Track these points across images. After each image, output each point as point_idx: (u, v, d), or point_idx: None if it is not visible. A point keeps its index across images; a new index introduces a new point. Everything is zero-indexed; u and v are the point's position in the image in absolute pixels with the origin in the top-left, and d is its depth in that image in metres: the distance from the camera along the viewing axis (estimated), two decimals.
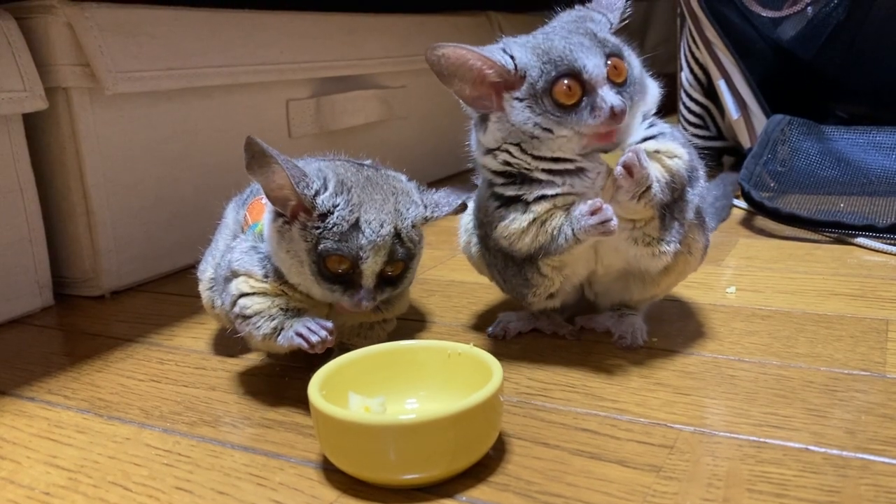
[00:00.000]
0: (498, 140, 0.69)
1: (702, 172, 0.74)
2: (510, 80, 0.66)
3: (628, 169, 0.64)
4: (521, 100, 0.66)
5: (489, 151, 0.70)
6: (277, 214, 0.67)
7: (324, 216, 0.65)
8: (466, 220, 0.83)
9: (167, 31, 1.10)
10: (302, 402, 0.67)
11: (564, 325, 0.82)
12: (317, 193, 0.65)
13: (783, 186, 1.28)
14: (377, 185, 0.68)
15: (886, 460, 0.55)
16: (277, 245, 0.68)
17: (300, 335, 0.66)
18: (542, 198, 0.68)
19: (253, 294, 0.69)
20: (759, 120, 1.43)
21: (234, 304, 0.70)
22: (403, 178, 0.73)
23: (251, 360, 0.81)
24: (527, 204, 0.69)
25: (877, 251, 1.04)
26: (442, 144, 1.69)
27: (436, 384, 0.65)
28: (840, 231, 1.10)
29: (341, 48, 1.44)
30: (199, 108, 1.17)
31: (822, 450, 0.57)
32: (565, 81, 0.65)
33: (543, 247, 0.69)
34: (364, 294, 0.66)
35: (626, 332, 0.78)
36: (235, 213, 0.81)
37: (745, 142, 1.46)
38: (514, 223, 0.69)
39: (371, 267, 0.66)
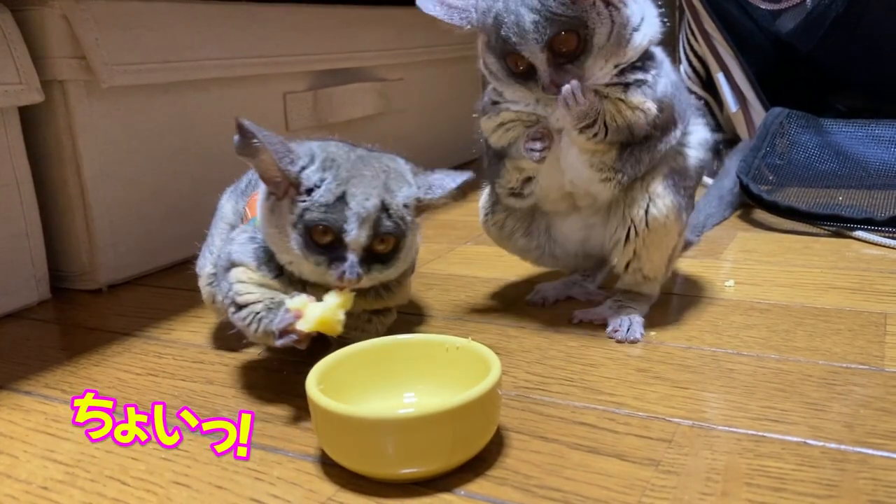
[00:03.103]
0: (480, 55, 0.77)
1: (687, 116, 0.78)
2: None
3: (564, 103, 0.70)
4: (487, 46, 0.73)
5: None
6: (270, 193, 0.68)
7: (310, 191, 0.65)
8: (484, 199, 0.87)
9: (163, 24, 1.09)
10: (300, 397, 0.66)
11: (598, 293, 0.88)
12: (303, 169, 0.65)
13: (782, 179, 1.27)
14: (368, 163, 0.68)
15: (885, 454, 0.55)
16: (267, 222, 0.68)
17: (283, 333, 0.65)
18: (510, 109, 0.76)
19: (248, 283, 0.70)
20: (758, 113, 1.43)
21: (229, 289, 0.71)
22: (402, 160, 0.73)
23: (249, 354, 0.81)
24: (501, 110, 0.77)
25: (875, 244, 1.04)
26: (440, 137, 1.69)
27: (434, 378, 0.65)
28: (838, 224, 1.10)
29: (338, 41, 1.43)
30: (195, 102, 1.16)
31: (821, 443, 0.57)
32: (510, 55, 0.71)
33: (505, 148, 0.79)
34: (348, 267, 0.65)
35: (622, 326, 0.78)
36: (234, 204, 0.81)
37: (744, 135, 1.46)
38: (489, 121, 0.79)
39: (356, 239, 0.65)
